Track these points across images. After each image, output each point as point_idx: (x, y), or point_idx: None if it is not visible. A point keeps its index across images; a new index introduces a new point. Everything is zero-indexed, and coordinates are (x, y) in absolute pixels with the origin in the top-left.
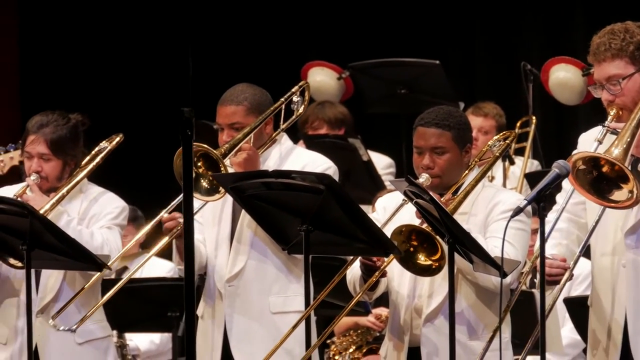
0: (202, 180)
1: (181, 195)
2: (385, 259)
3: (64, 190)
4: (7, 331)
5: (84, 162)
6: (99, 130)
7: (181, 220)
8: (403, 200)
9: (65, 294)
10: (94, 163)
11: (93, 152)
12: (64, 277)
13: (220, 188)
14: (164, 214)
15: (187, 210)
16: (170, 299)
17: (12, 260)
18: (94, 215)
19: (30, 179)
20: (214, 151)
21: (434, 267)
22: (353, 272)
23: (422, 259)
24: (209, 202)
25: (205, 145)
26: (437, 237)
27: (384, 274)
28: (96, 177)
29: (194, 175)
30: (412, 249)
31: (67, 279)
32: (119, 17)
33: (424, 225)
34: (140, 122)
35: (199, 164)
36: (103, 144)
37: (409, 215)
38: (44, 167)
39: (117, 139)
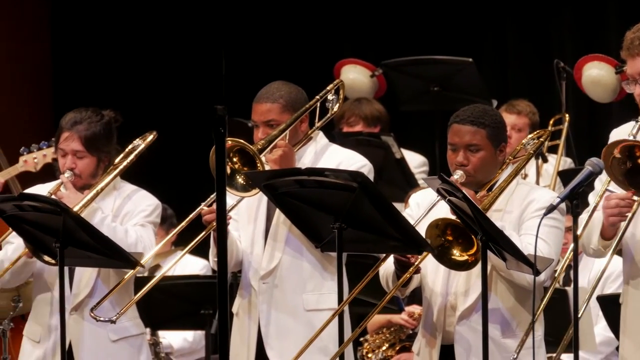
0: (237, 176)
1: (209, 199)
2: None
3: (98, 187)
4: (40, 329)
5: (117, 160)
6: (133, 128)
7: None
8: (438, 196)
9: (100, 291)
10: (127, 160)
11: (127, 150)
12: (97, 274)
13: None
14: (203, 207)
15: (219, 208)
16: (203, 296)
17: (46, 258)
18: (127, 213)
19: (64, 176)
20: (250, 146)
21: (469, 261)
22: (386, 269)
23: (457, 254)
24: (244, 198)
25: (242, 141)
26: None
27: (417, 270)
28: (130, 174)
29: (229, 171)
30: (447, 243)
31: (101, 276)
32: (153, 15)
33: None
34: (174, 120)
35: (235, 159)
36: (137, 141)
37: (443, 212)
38: (77, 164)
39: (151, 136)
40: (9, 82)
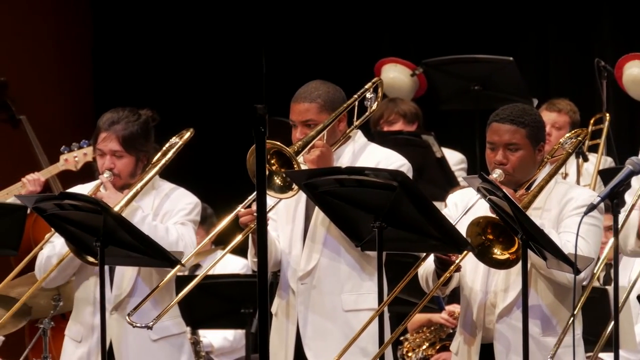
0: (275, 178)
1: (249, 198)
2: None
3: (138, 186)
4: (82, 328)
5: (155, 158)
6: (174, 127)
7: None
8: (478, 195)
9: (141, 290)
10: (166, 158)
11: (164, 148)
12: (138, 273)
13: (294, 185)
14: (240, 209)
15: (260, 207)
16: (243, 295)
17: (89, 258)
18: (167, 212)
19: (104, 177)
20: (287, 148)
21: (510, 259)
22: (425, 267)
23: (498, 253)
24: (282, 199)
25: (278, 143)
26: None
27: (458, 269)
28: (169, 173)
29: (267, 172)
30: (487, 242)
31: (142, 275)
32: (194, 14)
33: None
34: (214, 119)
35: (272, 161)
36: (174, 139)
37: (482, 212)
38: (116, 164)
39: (188, 134)
40: (50, 82)
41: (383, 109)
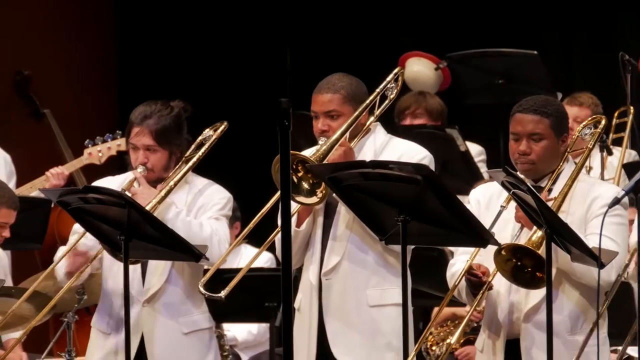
0: (303, 183)
1: (276, 195)
2: (490, 272)
3: (172, 182)
4: (112, 321)
5: (188, 152)
6: (199, 122)
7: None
8: (501, 206)
9: (174, 283)
10: (200, 153)
11: (197, 141)
12: (172, 265)
13: (317, 192)
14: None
15: (284, 201)
16: (267, 289)
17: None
18: (201, 207)
19: (137, 172)
20: (310, 158)
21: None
22: (453, 272)
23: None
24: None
25: (302, 154)
26: (537, 251)
27: (490, 287)
28: (196, 167)
29: (295, 180)
30: (519, 262)
31: (176, 267)
32: (218, 8)
33: (523, 242)
34: (238, 114)
35: (299, 167)
36: (207, 131)
37: (510, 215)
38: (150, 158)
39: (222, 127)
40: (74, 76)
41: (411, 101)
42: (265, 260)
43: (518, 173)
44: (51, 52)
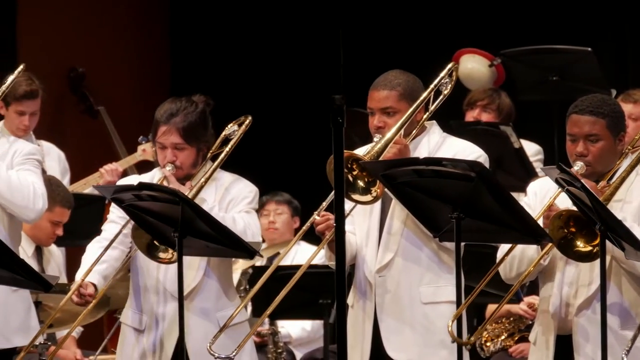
0: (358, 181)
1: (331, 194)
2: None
3: (202, 179)
4: (146, 317)
5: (214, 147)
6: (254, 121)
7: (331, 221)
8: (558, 188)
9: (209, 280)
10: (227, 148)
11: (222, 136)
12: (207, 263)
13: (372, 190)
14: (315, 216)
15: (338, 199)
16: (321, 286)
17: (161, 255)
18: (231, 201)
19: (166, 170)
20: (365, 157)
21: (594, 252)
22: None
23: (582, 246)
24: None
25: (356, 153)
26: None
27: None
28: (247, 164)
29: (350, 178)
30: (570, 235)
31: (212, 265)
32: (271, 4)
33: None
34: (292, 110)
35: (354, 166)
36: (231, 126)
37: (566, 204)
38: (178, 156)
39: (247, 121)
40: (128, 73)
41: (486, 95)
42: (319, 257)
43: (572, 169)
44: (105, 49)
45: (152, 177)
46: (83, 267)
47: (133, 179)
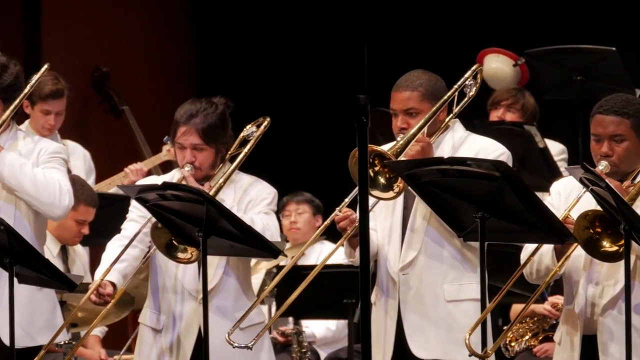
0: (379, 177)
1: (354, 191)
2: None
3: (220, 180)
4: (164, 317)
5: (232, 148)
6: (279, 121)
7: (354, 217)
8: (583, 188)
9: (228, 280)
10: (245, 150)
11: (240, 137)
12: (227, 262)
13: (394, 186)
14: (337, 212)
15: (362, 198)
16: (345, 285)
17: (180, 255)
18: (249, 202)
19: (185, 170)
20: (388, 152)
21: (620, 252)
22: (528, 251)
23: (607, 245)
24: (380, 200)
25: (379, 148)
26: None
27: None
28: (269, 164)
29: (371, 174)
30: (596, 235)
31: (231, 264)
32: (295, 5)
33: None
34: (316, 110)
35: (376, 162)
36: (249, 127)
37: (586, 204)
38: (197, 157)
39: (265, 122)
40: (153, 73)
41: (511, 94)
42: (343, 256)
43: (596, 169)
44: (130, 49)
45: (172, 177)
46: (103, 265)
47: (151, 180)
